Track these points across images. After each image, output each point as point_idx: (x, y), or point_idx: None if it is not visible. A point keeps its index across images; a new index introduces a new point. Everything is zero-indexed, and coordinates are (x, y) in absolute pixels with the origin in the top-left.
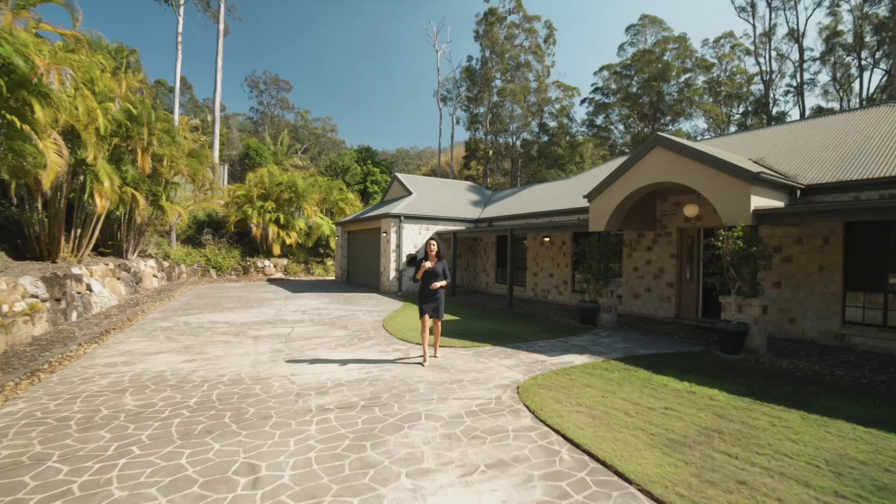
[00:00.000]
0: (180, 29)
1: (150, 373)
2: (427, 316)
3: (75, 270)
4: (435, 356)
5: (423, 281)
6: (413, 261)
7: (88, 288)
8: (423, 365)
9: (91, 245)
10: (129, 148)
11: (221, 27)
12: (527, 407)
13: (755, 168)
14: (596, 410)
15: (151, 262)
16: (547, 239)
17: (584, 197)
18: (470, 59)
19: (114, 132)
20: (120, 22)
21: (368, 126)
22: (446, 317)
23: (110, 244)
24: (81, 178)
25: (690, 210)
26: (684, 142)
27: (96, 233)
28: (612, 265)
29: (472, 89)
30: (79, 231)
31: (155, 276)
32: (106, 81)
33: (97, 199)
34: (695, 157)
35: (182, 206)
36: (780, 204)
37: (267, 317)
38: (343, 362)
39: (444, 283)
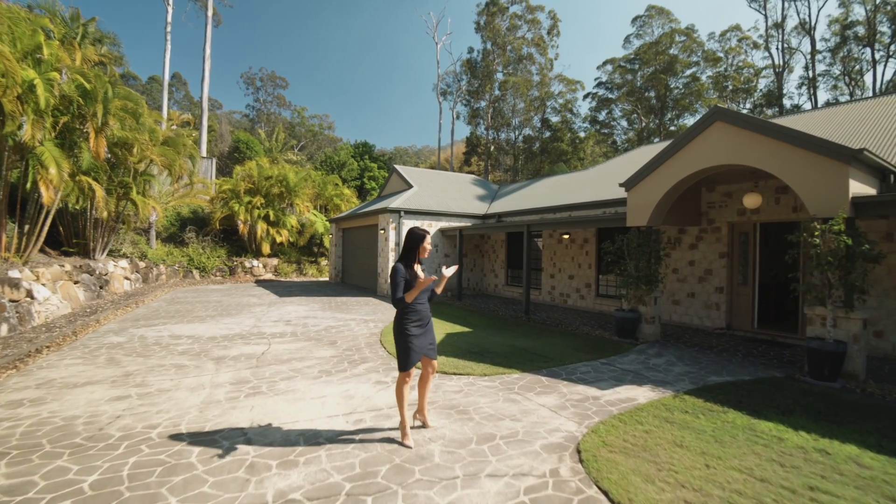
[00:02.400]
0: (169, 19)
1: (58, 420)
2: (414, 367)
3: (13, 274)
4: (425, 424)
5: (414, 302)
6: (402, 268)
7: (29, 294)
8: (410, 448)
9: (38, 243)
10: (85, 130)
11: (210, 12)
12: (605, 494)
13: (853, 145)
14: (712, 499)
15: (124, 263)
16: (566, 236)
17: (621, 185)
18: (471, 50)
19: (62, 109)
20: (121, 22)
21: (366, 124)
22: (455, 328)
23: (75, 243)
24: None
25: (751, 200)
26: (754, 116)
27: (45, 228)
28: (657, 267)
29: (473, 83)
30: (26, 227)
31: (127, 278)
32: (53, 49)
33: (43, 189)
34: (771, 134)
35: (158, 201)
36: (873, 191)
37: (242, 328)
38: (325, 401)
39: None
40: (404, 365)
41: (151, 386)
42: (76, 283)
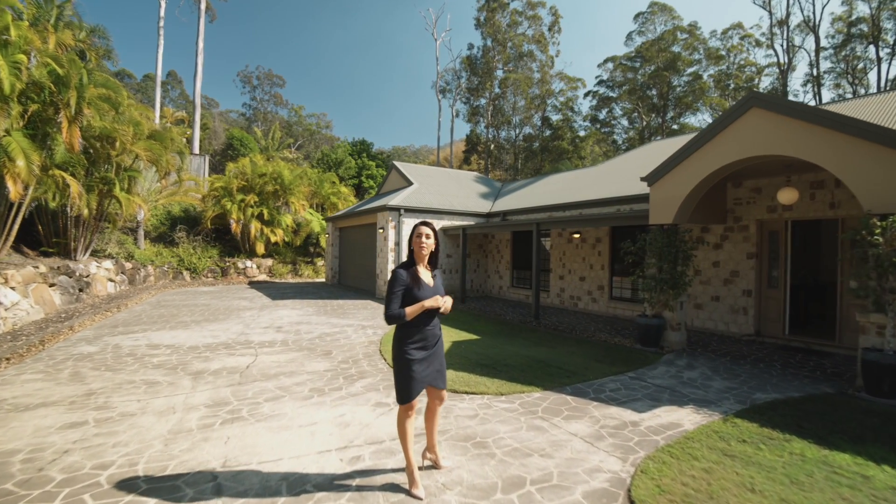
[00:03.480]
0: (162, 13)
1: None
2: (417, 397)
3: None
4: (437, 465)
5: (417, 318)
6: (403, 274)
7: None
8: (420, 501)
9: (8, 242)
10: (59, 121)
11: (203, 6)
12: None
13: None
14: None
15: (108, 264)
16: (577, 235)
17: (643, 180)
18: (471, 46)
19: (33, 97)
20: (117, 21)
21: (364, 124)
22: (461, 335)
23: (55, 242)
24: None
25: (787, 196)
26: (799, 102)
27: (15, 227)
28: (684, 269)
29: (473, 80)
30: None
31: (111, 280)
32: (23, 31)
33: (10, 184)
34: (821, 122)
35: (146, 199)
36: None
37: (228, 336)
38: (316, 429)
39: (448, 307)
40: (403, 397)
41: (114, 409)
42: (52, 285)
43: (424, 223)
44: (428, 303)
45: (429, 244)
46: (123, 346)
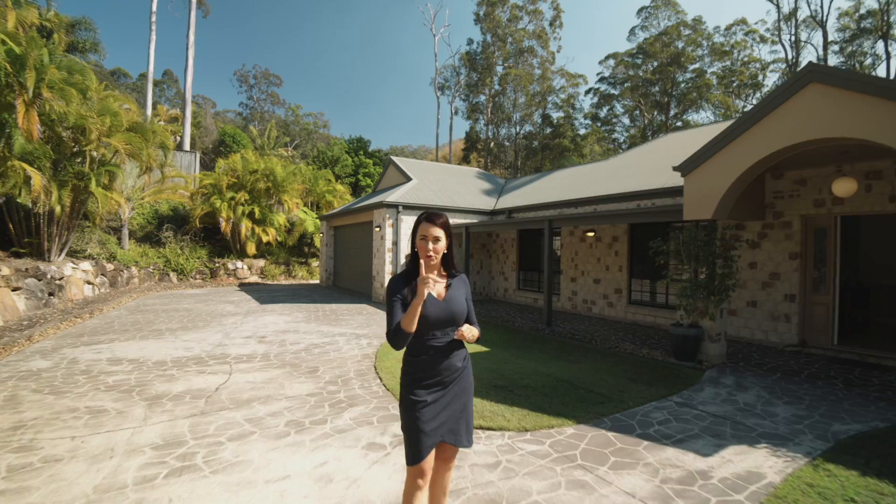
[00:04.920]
0: (154, 8)
1: None
2: (430, 457)
3: None
4: None
5: (422, 343)
6: (401, 281)
7: None
8: None
9: None
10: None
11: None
12: None
13: None
14: None
15: (87, 265)
16: (591, 234)
17: (675, 169)
18: (470, 42)
19: None
20: (113, 21)
21: (362, 124)
22: (468, 347)
23: (27, 242)
24: None
25: (844, 187)
26: (875, 76)
27: None
28: (727, 271)
29: (472, 76)
30: None
31: (89, 282)
32: None
33: None
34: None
35: (128, 195)
36: None
37: (203, 348)
38: (288, 489)
39: (474, 334)
40: (411, 456)
41: (38, 450)
42: (15, 289)
43: (429, 218)
44: (418, 300)
45: (439, 249)
46: (81, 360)
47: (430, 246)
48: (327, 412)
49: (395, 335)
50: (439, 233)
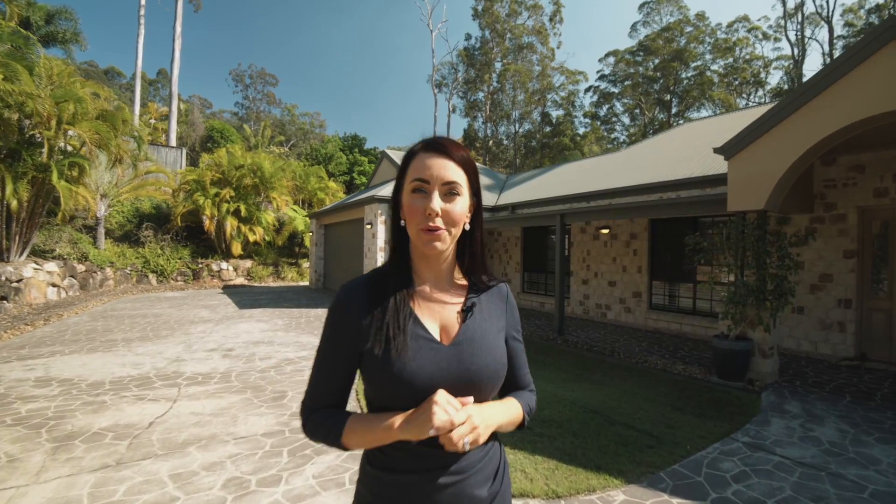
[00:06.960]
0: (143, 1)
1: None
2: None
3: None
4: None
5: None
6: (360, 299)
7: None
8: None
9: None
10: None
11: None
12: None
13: None
14: None
15: (52, 267)
16: (605, 231)
17: (717, 151)
18: (468, 37)
19: None
20: (109, 20)
21: (358, 124)
22: None
23: None
24: None
25: None
26: None
27: None
28: (784, 272)
29: (471, 72)
30: None
31: (55, 285)
32: None
33: None
34: None
35: (104, 191)
36: None
37: (156, 363)
38: None
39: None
40: None
41: None
42: None
43: (435, 146)
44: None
45: (455, 216)
46: (3, 380)
47: (436, 206)
48: (284, 463)
49: (317, 431)
50: (456, 175)
